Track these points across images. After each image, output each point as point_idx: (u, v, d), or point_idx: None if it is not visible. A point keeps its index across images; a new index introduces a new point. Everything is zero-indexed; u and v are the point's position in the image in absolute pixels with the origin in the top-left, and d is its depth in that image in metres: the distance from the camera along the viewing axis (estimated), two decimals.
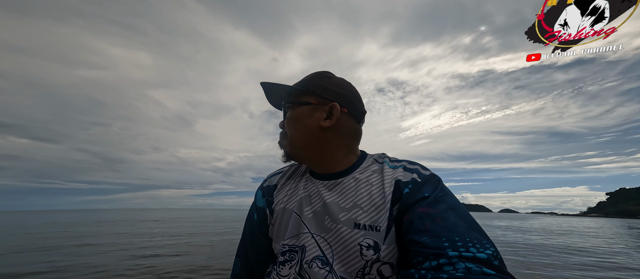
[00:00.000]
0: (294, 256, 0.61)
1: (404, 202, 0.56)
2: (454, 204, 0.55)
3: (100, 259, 6.70)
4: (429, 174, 0.60)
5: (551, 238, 14.52)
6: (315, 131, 0.65)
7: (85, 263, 6.20)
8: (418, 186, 0.57)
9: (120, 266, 5.82)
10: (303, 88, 0.67)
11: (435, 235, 0.52)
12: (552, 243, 12.03)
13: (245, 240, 0.74)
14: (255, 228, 0.73)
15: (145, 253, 7.67)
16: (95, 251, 8.03)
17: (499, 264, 0.51)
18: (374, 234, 0.56)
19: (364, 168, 0.66)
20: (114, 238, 11.42)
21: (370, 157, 0.71)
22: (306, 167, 0.76)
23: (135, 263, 6.14)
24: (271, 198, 0.72)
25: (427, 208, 0.54)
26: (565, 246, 11.02)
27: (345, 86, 0.69)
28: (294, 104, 0.68)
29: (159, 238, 11.51)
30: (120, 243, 9.68)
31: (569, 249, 9.96)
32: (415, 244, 0.52)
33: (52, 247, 8.79)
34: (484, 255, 0.51)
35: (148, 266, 5.79)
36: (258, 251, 0.71)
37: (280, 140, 0.75)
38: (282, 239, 0.65)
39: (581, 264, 7.14)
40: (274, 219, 0.69)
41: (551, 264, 6.93)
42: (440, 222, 0.52)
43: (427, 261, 0.52)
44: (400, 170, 0.62)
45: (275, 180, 0.76)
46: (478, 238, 0.52)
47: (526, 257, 8.03)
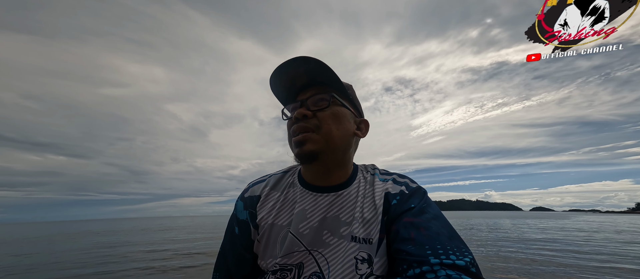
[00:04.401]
0: (286, 275, 0.58)
1: (392, 213, 0.58)
2: (437, 214, 0.58)
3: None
4: (416, 186, 0.62)
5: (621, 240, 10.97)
6: (350, 137, 0.63)
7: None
8: (405, 198, 0.59)
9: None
10: (345, 91, 0.63)
11: (419, 244, 0.57)
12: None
13: (226, 254, 0.67)
14: (236, 243, 0.66)
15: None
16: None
17: (476, 271, 0.57)
18: (367, 247, 0.58)
19: (358, 180, 0.66)
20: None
21: (361, 169, 0.70)
22: (292, 177, 0.70)
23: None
24: (254, 211, 0.66)
25: (412, 218, 0.57)
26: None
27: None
28: (338, 100, 0.62)
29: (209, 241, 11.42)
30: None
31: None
32: (400, 252, 0.57)
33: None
34: (463, 263, 0.57)
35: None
36: (241, 266, 0.65)
37: (301, 133, 0.59)
38: (271, 257, 0.61)
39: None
40: (261, 236, 0.63)
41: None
42: (423, 231, 0.57)
43: (410, 268, 0.57)
44: (390, 183, 0.63)
45: (258, 190, 0.69)
46: (458, 246, 0.57)
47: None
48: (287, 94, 0.65)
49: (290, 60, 0.58)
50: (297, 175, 0.70)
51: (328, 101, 0.60)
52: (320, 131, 0.59)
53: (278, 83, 0.63)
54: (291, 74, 0.60)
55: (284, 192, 0.67)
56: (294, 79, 0.61)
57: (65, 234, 21.85)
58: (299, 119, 0.59)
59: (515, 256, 6.99)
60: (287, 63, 0.58)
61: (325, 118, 0.59)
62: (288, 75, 0.61)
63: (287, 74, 0.60)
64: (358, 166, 0.71)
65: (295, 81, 0.62)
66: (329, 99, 0.60)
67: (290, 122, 0.62)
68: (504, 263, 6.21)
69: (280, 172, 0.73)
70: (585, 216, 67.22)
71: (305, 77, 0.61)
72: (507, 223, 24.43)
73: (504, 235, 13.04)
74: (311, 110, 0.59)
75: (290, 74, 0.60)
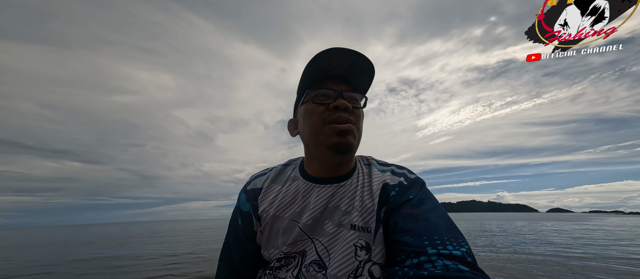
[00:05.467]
0: (290, 262, 0.60)
1: (391, 204, 0.59)
2: (435, 205, 0.59)
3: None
4: (415, 177, 0.63)
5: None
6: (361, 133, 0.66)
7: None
8: (404, 189, 0.60)
9: None
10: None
11: (417, 234, 0.58)
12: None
13: (230, 245, 0.70)
14: (240, 234, 0.69)
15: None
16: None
17: (472, 261, 0.58)
18: (366, 235, 0.60)
19: (358, 171, 0.67)
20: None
21: (358, 160, 0.72)
22: (294, 171, 0.72)
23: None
24: (256, 203, 0.68)
25: (411, 209, 0.59)
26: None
27: None
28: (364, 101, 0.65)
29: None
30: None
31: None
32: (399, 243, 0.58)
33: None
34: (459, 252, 0.58)
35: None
36: (245, 257, 0.67)
37: (347, 123, 0.60)
38: (274, 247, 0.63)
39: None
40: (263, 227, 0.65)
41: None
42: (422, 222, 0.58)
43: (409, 259, 0.58)
44: (388, 173, 0.64)
45: (260, 183, 0.71)
46: (455, 237, 0.58)
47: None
48: (324, 76, 0.61)
49: (354, 50, 0.59)
50: (299, 168, 0.71)
51: (363, 103, 0.65)
52: (357, 127, 0.61)
53: (327, 63, 0.60)
54: (345, 62, 0.59)
55: (286, 184, 0.68)
56: (343, 67, 0.60)
57: (125, 235, 20.74)
58: (345, 110, 0.60)
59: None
60: (349, 50, 0.59)
61: (359, 116, 0.62)
62: (341, 61, 0.59)
63: (340, 60, 0.59)
64: (356, 158, 0.72)
65: (342, 70, 0.60)
66: (364, 100, 0.65)
67: (325, 107, 0.60)
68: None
69: (281, 165, 0.76)
70: (610, 218, 59.44)
71: (353, 73, 0.61)
72: (548, 227, 18.88)
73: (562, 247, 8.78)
74: (351, 105, 0.60)
75: (344, 62, 0.59)
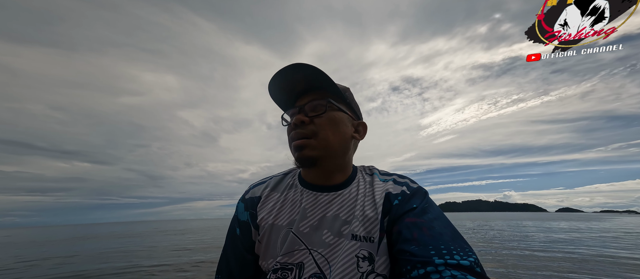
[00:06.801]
0: (286, 274, 0.59)
1: (394, 213, 0.59)
2: (438, 214, 0.58)
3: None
4: (417, 187, 0.61)
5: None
6: (348, 141, 0.63)
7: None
8: (407, 198, 0.59)
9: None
10: (342, 95, 0.63)
11: (423, 244, 0.57)
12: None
13: (228, 256, 0.67)
14: (238, 244, 0.66)
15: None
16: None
17: (480, 271, 0.56)
18: (368, 246, 0.58)
19: (358, 180, 0.66)
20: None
21: (360, 169, 0.71)
22: (293, 179, 0.70)
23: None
24: (255, 212, 0.66)
25: (414, 218, 0.58)
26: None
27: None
28: (335, 105, 0.62)
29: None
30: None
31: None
32: (404, 253, 0.57)
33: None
34: (467, 262, 0.57)
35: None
36: (243, 268, 0.65)
37: (300, 139, 0.62)
38: (272, 257, 0.61)
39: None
40: (261, 236, 0.63)
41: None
42: (426, 231, 0.57)
43: (415, 269, 0.57)
44: (390, 183, 0.62)
45: (259, 191, 0.69)
46: (462, 246, 0.57)
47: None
48: (286, 99, 0.65)
49: (288, 66, 0.61)
50: (298, 176, 0.70)
51: (325, 107, 0.62)
52: (318, 137, 0.61)
53: (277, 89, 0.63)
54: (289, 80, 0.62)
55: (284, 193, 0.67)
56: (292, 84, 0.62)
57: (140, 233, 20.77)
58: (297, 125, 0.61)
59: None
60: (285, 69, 0.61)
61: (322, 124, 0.61)
62: (286, 81, 0.62)
63: (286, 80, 0.62)
64: (357, 167, 0.71)
65: (294, 86, 0.62)
66: (325, 105, 0.62)
67: (289, 127, 0.63)
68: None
69: (281, 174, 0.74)
70: (624, 217, 56.47)
71: (303, 83, 0.62)
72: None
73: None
74: (309, 116, 0.61)
75: (289, 80, 0.62)
